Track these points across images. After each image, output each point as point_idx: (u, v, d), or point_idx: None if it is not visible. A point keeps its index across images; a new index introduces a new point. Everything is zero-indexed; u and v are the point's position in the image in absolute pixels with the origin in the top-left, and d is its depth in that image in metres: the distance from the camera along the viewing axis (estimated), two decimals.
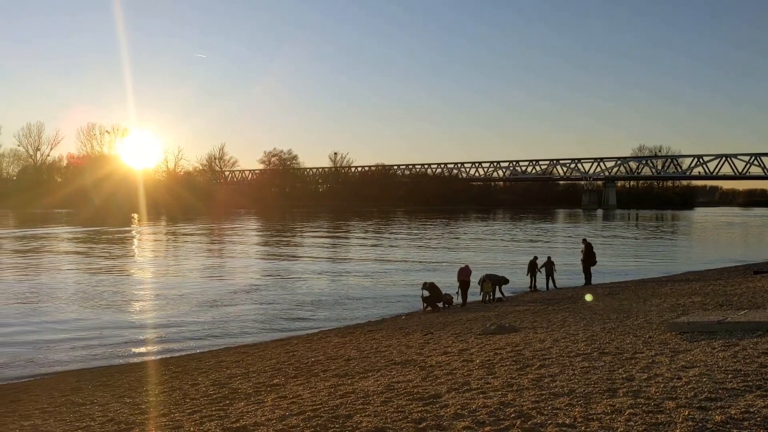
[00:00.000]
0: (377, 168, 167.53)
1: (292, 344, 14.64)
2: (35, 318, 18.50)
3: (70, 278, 27.06)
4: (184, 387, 10.29)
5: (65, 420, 8.71)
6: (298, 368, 10.86)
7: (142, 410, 8.79)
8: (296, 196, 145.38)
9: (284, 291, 23.98)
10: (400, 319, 18.11)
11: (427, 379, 8.31)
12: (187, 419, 7.71)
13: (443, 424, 5.94)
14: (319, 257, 37.71)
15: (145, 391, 10.39)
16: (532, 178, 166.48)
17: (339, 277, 28.34)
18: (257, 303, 21.36)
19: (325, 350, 12.87)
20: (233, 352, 14.35)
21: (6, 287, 24.18)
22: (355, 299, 22.11)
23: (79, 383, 11.74)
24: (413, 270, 30.32)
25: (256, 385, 9.69)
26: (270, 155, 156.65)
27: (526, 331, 12.54)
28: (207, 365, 12.51)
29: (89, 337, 16.24)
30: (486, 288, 20.73)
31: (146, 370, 12.66)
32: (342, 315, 19.45)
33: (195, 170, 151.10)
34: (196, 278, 27.57)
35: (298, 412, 7.18)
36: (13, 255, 37.40)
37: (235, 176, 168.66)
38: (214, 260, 35.82)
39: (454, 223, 79.08)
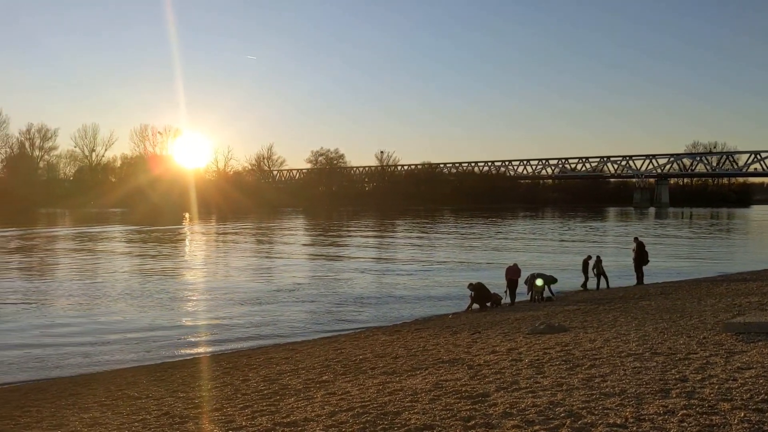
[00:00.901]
0: (423, 166, 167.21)
1: (340, 342, 14.77)
2: (91, 316, 19.08)
3: (124, 276, 27.81)
4: (235, 383, 10.50)
5: (122, 413, 8.98)
6: (346, 365, 10.96)
7: (196, 404, 9.01)
8: (343, 195, 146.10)
9: (331, 289, 24.18)
10: (447, 318, 18.08)
11: (475, 378, 8.30)
12: (239, 414, 7.88)
13: (492, 423, 5.94)
14: (365, 256, 37.88)
15: (198, 386, 10.63)
16: (582, 176, 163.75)
17: (385, 275, 28.43)
18: (304, 301, 21.60)
19: (372, 348, 12.95)
20: (282, 349, 14.55)
21: (63, 285, 25.00)
22: (402, 298, 22.16)
23: (134, 378, 12.09)
24: (460, 269, 30.21)
25: (306, 381, 9.82)
26: (317, 154, 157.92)
27: (576, 331, 12.39)
28: (257, 362, 12.72)
29: (143, 334, 16.68)
30: (535, 287, 20.52)
31: (198, 366, 12.94)
32: (388, 313, 19.51)
33: (244, 170, 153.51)
34: (244, 276, 28.01)
35: (347, 408, 7.26)
36: (70, 254, 38.62)
37: (282, 175, 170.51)
38: (262, 259, 36.33)
39: (502, 221, 78.43)
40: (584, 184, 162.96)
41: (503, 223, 75.67)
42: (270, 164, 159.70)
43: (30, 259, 34.81)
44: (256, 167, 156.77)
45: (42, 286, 24.61)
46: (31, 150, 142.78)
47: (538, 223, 78.31)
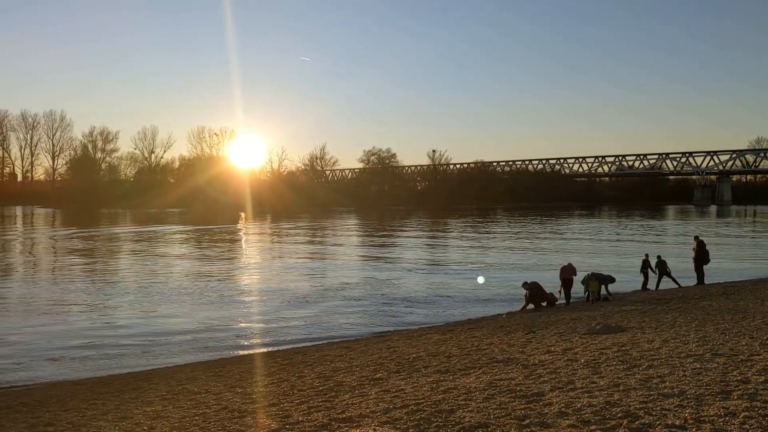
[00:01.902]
0: (476, 165, 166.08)
1: (393, 340, 14.85)
2: (150, 313, 19.66)
3: (181, 275, 28.52)
4: (291, 379, 10.68)
5: (183, 407, 9.26)
6: (399, 363, 11.03)
7: (253, 400, 9.22)
8: (395, 195, 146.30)
9: (383, 288, 24.29)
10: (501, 317, 17.97)
11: (530, 378, 8.26)
12: (296, 409, 8.03)
13: (547, 422, 5.92)
14: (416, 255, 37.89)
15: (255, 381, 10.87)
16: (640, 174, 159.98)
17: (437, 275, 28.40)
18: (357, 300, 21.77)
19: (425, 347, 12.98)
20: (336, 346, 14.72)
21: (123, 283, 25.81)
22: (454, 298, 22.11)
23: (193, 373, 12.42)
24: (513, 269, 29.95)
25: (360, 378, 9.93)
26: (369, 154, 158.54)
27: (634, 331, 12.17)
28: (312, 359, 12.91)
29: (199, 331, 17.11)
30: (592, 287, 20.20)
31: (255, 362, 13.21)
32: (441, 313, 19.51)
33: (297, 170, 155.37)
34: (297, 275, 28.38)
35: (401, 405, 7.33)
36: (131, 253, 39.83)
37: (335, 175, 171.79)
38: (315, 258, 36.72)
39: (557, 220, 77.33)
40: (642, 182, 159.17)
41: (558, 222, 74.60)
42: (323, 164, 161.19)
43: (92, 259, 36.02)
44: (309, 167, 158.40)
45: (103, 285, 25.45)
46: (93, 152, 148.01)
47: (595, 222, 76.89)
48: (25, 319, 18.17)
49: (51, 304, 20.65)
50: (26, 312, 19.40)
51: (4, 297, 22.41)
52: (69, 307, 20.17)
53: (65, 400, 10.60)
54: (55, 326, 17.42)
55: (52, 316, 18.80)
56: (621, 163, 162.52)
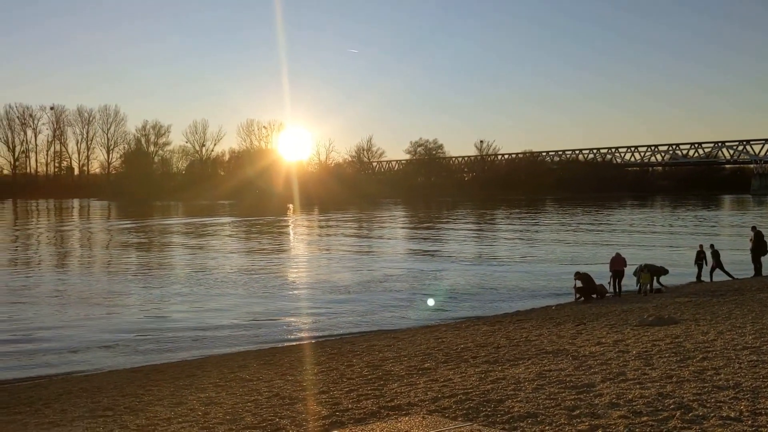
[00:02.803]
0: (524, 155, 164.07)
1: (441, 331, 14.87)
2: (201, 302, 20.12)
3: (231, 265, 29.06)
4: (340, 368, 10.82)
5: (236, 393, 9.47)
6: (447, 354, 11.06)
7: (303, 387, 9.37)
8: (442, 186, 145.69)
9: (430, 279, 24.31)
10: (551, 309, 17.80)
11: (580, 369, 8.20)
12: (345, 397, 8.14)
13: (598, 413, 5.87)
14: (463, 247, 37.77)
15: (305, 370, 11.04)
16: (694, 163, 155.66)
17: (485, 266, 28.25)
18: (404, 290, 21.84)
19: (473, 338, 12.97)
20: (384, 336, 14.82)
21: (175, 273, 26.45)
22: (502, 289, 21.98)
23: (245, 361, 12.68)
24: (563, 260, 29.60)
25: (408, 368, 9.99)
26: (416, 145, 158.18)
27: (688, 323, 11.93)
28: (360, 348, 13.03)
29: (250, 320, 17.44)
30: (643, 279, 19.80)
31: (304, 351, 13.40)
32: (489, 304, 19.42)
33: (344, 162, 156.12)
34: (345, 266, 28.61)
35: (449, 394, 7.36)
36: (183, 244, 40.73)
37: (382, 167, 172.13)
38: (362, 249, 36.95)
39: (607, 211, 75.96)
40: (697, 171, 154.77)
41: (609, 212, 73.27)
42: (369, 156, 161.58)
43: (145, 250, 36.98)
44: (356, 159, 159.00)
45: (156, 276, 26.12)
46: (146, 146, 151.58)
47: (647, 212, 75.27)
48: (82, 309, 18.78)
49: (106, 295, 21.30)
50: (83, 302, 20.06)
51: (62, 288, 23.21)
52: (123, 298, 20.77)
53: (122, 386, 10.96)
54: (110, 316, 17.98)
55: (107, 306, 19.38)
56: (675, 152, 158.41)
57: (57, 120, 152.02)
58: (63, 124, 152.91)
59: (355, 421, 6.71)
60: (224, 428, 7.09)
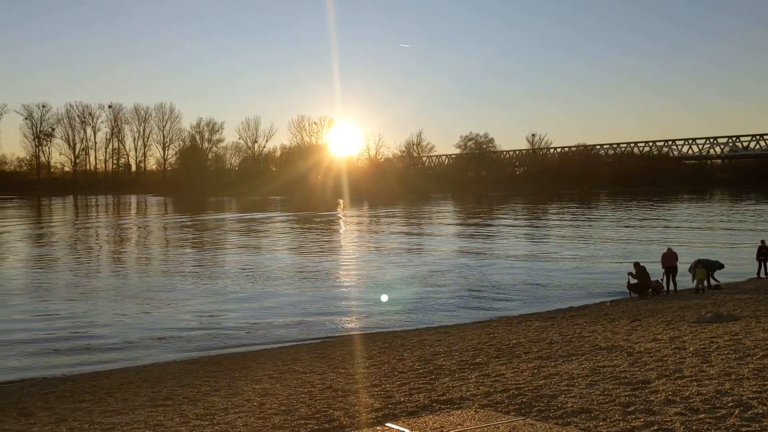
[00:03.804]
0: (578, 149, 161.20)
1: (492, 326, 14.83)
2: (253, 295, 20.52)
3: (283, 259, 29.51)
4: (391, 361, 10.91)
5: (290, 385, 9.66)
6: (499, 349, 11.03)
7: (356, 380, 9.49)
8: (492, 180, 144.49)
9: (480, 274, 24.20)
10: (605, 305, 17.53)
11: (635, 365, 8.08)
12: (397, 390, 8.22)
13: (653, 409, 5.80)
14: (514, 242, 37.43)
15: (357, 363, 11.16)
16: (756, 155, 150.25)
17: (536, 262, 27.96)
18: (454, 285, 21.81)
19: (525, 333, 12.90)
20: (434, 331, 14.85)
21: (229, 267, 26.99)
22: (554, 284, 21.74)
23: (297, 354, 12.90)
24: (616, 256, 29.06)
25: (459, 363, 10.01)
26: (466, 139, 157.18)
27: (747, 320, 11.61)
28: (411, 342, 13.10)
29: (300, 313, 17.70)
30: (699, 275, 19.25)
31: (356, 345, 13.53)
32: (540, 300, 19.25)
33: (394, 157, 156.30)
34: (394, 260, 28.70)
35: (502, 389, 7.36)
36: (236, 238, 41.49)
37: (432, 161, 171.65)
38: (412, 244, 36.98)
39: (663, 205, 74.15)
40: (758, 164, 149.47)
41: (665, 207, 71.52)
42: (419, 150, 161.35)
43: (200, 244, 37.82)
44: (406, 154, 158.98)
45: (210, 269, 26.72)
46: (201, 142, 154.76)
47: (705, 206, 73.19)
48: (139, 304, 19.33)
49: (161, 290, 21.88)
50: (139, 296, 20.66)
51: (120, 282, 23.95)
52: (178, 293, 21.27)
53: (180, 377, 11.28)
54: (166, 310, 18.46)
55: (163, 300, 19.91)
56: (735, 144, 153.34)
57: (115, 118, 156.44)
58: (121, 122, 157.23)
59: (407, 414, 6.78)
60: (279, 419, 7.24)
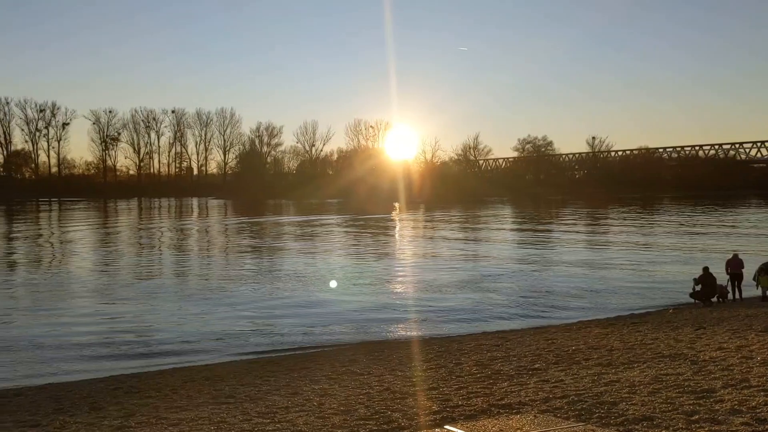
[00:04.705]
0: (640, 151, 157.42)
1: (551, 332, 14.67)
2: (310, 296, 20.82)
3: (339, 261, 29.79)
4: (448, 365, 10.92)
5: (347, 386, 9.79)
6: (558, 355, 10.92)
7: (413, 383, 9.55)
8: (551, 184, 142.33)
9: (537, 279, 23.93)
10: (668, 312, 17.12)
11: (700, 374, 7.91)
12: (455, 394, 8.24)
13: (718, 419, 5.68)
14: (573, 246, 36.83)
15: (414, 366, 11.22)
16: None
17: (596, 267, 27.45)
18: (511, 290, 21.62)
19: (585, 340, 12.72)
20: (491, 336, 14.78)
21: (286, 268, 27.42)
22: (614, 291, 21.33)
23: (354, 356, 13.03)
24: (679, 262, 28.31)
25: (518, 368, 9.96)
26: (524, 142, 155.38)
27: None
28: (468, 347, 13.08)
29: (357, 315, 17.87)
30: (763, 282, 18.44)
31: (412, 348, 13.59)
32: (600, 306, 18.92)
33: (450, 160, 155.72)
34: (450, 264, 28.62)
35: (561, 395, 7.31)
36: (294, 240, 42.08)
37: (489, 165, 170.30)
38: (469, 247, 36.81)
39: (730, 210, 71.65)
40: None
41: (732, 212, 69.13)
42: (476, 154, 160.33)
43: (259, 247, 38.50)
44: (462, 157, 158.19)
45: (268, 271, 27.21)
46: (260, 146, 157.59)
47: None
48: (198, 304, 19.81)
49: (219, 291, 22.40)
50: (198, 297, 21.25)
51: (180, 284, 24.67)
52: (235, 294, 21.68)
53: (241, 376, 11.56)
54: (223, 310, 18.87)
55: (221, 301, 20.37)
56: None
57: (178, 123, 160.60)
58: (183, 126, 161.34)
59: (465, 417, 6.80)
60: (339, 419, 7.37)
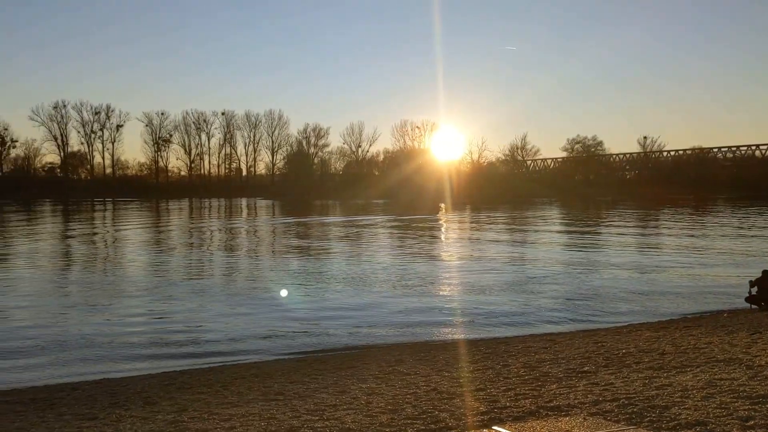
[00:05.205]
0: (693, 151, 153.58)
1: (600, 335, 14.47)
2: (357, 296, 20.92)
3: (385, 262, 29.87)
4: (495, 367, 10.88)
5: (395, 386, 9.84)
6: (608, 358, 10.78)
7: (460, 383, 9.55)
8: (601, 184, 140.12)
9: (585, 281, 23.58)
10: (722, 316, 16.68)
11: (755, 379, 7.71)
12: (503, 395, 8.22)
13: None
14: (623, 247, 36.17)
15: (460, 367, 11.21)
16: None
17: (646, 269, 26.90)
18: (559, 292, 21.37)
19: (636, 343, 12.51)
20: (539, 338, 14.65)
21: (334, 268, 27.64)
22: (665, 294, 20.87)
23: (401, 356, 13.08)
24: (733, 264, 27.54)
25: (566, 370, 9.87)
26: (573, 142, 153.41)
27: None
28: (515, 349, 13.00)
29: (402, 315, 17.90)
30: None
31: (459, 349, 13.58)
32: (651, 309, 18.55)
33: (497, 161, 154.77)
34: (497, 265, 28.42)
35: (611, 398, 7.22)
36: (339, 241, 42.38)
37: (537, 165, 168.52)
38: (514, 248, 36.49)
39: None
40: None
41: None
42: (524, 154, 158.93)
43: (306, 247, 38.88)
44: (510, 157, 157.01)
45: (314, 269, 27.48)
46: (307, 147, 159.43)
47: None
48: (245, 302, 20.14)
49: (269, 289, 22.73)
50: (245, 295, 21.59)
51: (228, 282, 25.07)
52: (281, 292, 21.93)
53: (289, 374, 11.73)
54: (270, 309, 19.14)
55: (271, 300, 20.68)
56: None
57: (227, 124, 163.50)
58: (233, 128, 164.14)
59: (513, 418, 6.78)
60: (386, 417, 7.42)
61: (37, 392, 11.05)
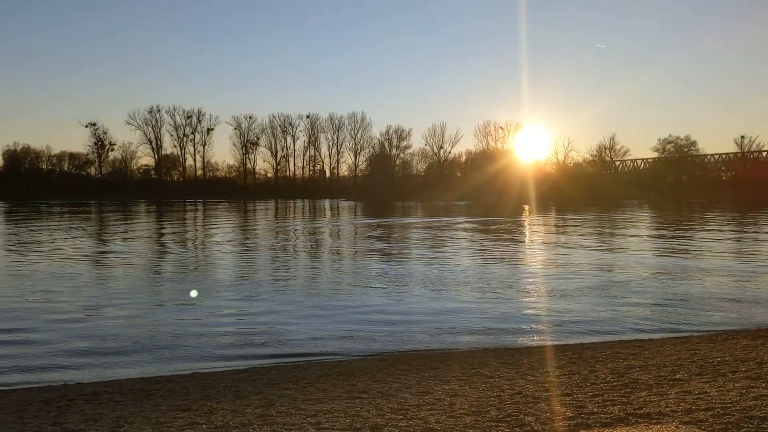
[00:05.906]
0: None
1: (693, 343, 13.93)
2: (437, 298, 20.86)
3: (467, 264, 29.66)
4: (582, 372, 10.67)
5: (478, 388, 9.81)
6: (701, 366, 10.38)
7: (546, 388, 9.42)
8: (694, 186, 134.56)
9: (676, 287, 22.67)
10: None
11: None
12: (590, 401, 8.06)
13: None
14: (718, 251, 34.56)
15: (546, 371, 11.05)
16: None
17: (741, 275, 25.60)
18: (647, 298, 20.64)
19: (731, 351, 11.99)
20: (627, 345, 14.24)
21: (414, 269, 27.66)
22: (763, 301, 19.82)
23: (484, 359, 13.00)
24: None
25: (657, 378, 9.57)
26: (665, 142, 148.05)
27: None
28: (603, 355, 12.69)
29: (484, 318, 17.73)
30: None
31: (543, 354, 13.37)
32: (746, 317, 17.65)
33: (584, 161, 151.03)
34: (583, 269, 27.72)
35: (705, 407, 6.97)
36: (420, 242, 42.40)
37: (626, 166, 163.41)
38: (601, 251, 35.49)
39: None
40: None
41: None
42: (612, 155, 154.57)
43: (386, 247, 39.14)
44: (597, 158, 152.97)
45: (395, 271, 27.55)
46: (389, 149, 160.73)
47: None
48: (326, 303, 20.38)
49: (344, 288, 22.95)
50: (325, 294, 21.89)
51: (310, 281, 25.51)
52: (360, 292, 22.13)
53: (373, 373, 11.87)
54: (346, 308, 19.32)
55: (345, 298, 20.89)
56: None
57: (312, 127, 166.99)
58: (317, 130, 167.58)
59: (601, 424, 6.65)
60: (470, 419, 7.42)
61: (135, 384, 11.62)
